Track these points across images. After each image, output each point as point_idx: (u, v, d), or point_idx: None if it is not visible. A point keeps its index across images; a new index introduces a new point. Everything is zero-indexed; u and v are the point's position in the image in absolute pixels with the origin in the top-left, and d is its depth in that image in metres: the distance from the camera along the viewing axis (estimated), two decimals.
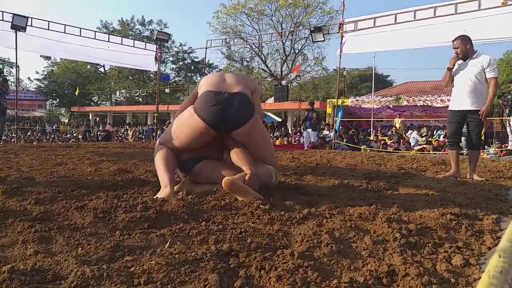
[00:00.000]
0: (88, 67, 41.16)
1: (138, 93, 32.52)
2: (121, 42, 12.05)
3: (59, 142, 14.35)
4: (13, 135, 19.73)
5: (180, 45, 36.86)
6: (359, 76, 35.81)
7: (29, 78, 52.64)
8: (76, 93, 30.51)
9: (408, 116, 18.66)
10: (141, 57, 12.59)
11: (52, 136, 24.43)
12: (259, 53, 29.79)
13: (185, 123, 2.51)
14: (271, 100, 24.93)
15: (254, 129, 2.54)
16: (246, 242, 1.56)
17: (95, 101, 42.84)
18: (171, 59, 36.72)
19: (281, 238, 1.65)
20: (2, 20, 9.40)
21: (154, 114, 13.59)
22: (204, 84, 2.60)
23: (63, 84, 41.61)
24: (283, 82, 27.81)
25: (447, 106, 4.25)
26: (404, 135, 14.88)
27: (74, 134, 24.82)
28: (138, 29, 37.89)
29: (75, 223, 1.80)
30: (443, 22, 7.17)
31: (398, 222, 1.82)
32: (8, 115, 13.65)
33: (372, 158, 5.95)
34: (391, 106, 18.00)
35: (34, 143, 16.38)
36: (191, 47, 33.98)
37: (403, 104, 17.43)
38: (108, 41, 11.70)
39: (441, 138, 12.63)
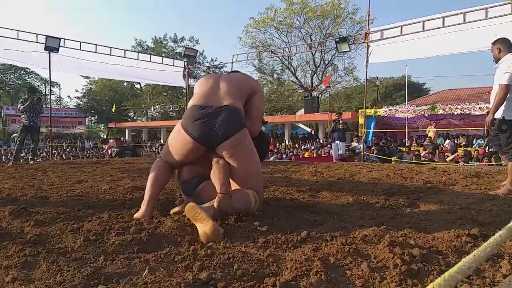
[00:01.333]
0: (125, 84, 42.57)
1: (171, 108, 33.24)
2: (150, 59, 12.35)
3: (95, 158, 14.77)
4: (53, 151, 20.56)
5: (211, 60, 37.52)
6: (393, 85, 34.97)
7: (69, 96, 55.18)
8: (113, 109, 31.59)
9: (446, 125, 17.93)
10: (170, 73, 12.86)
11: (90, 152, 25.29)
12: (288, 65, 29.77)
13: (175, 138, 2.47)
14: (301, 111, 24.78)
15: (238, 144, 2.37)
16: (232, 269, 1.47)
17: (132, 117, 44.16)
18: (202, 74, 37.32)
19: (271, 264, 1.55)
20: (37, 42, 9.87)
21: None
22: (195, 93, 2.58)
23: (101, 101, 43.20)
24: (314, 94, 27.58)
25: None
26: (441, 145, 14.29)
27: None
28: (170, 46, 38.88)
29: (66, 247, 1.77)
30: (474, 28, 6.84)
31: (402, 246, 1.67)
32: (52, 133, 14.22)
33: (400, 171, 5.68)
34: (427, 115, 17.37)
35: (68, 159, 17.00)
36: (221, 62, 34.40)
37: (439, 113, 16.76)
38: (137, 59, 12.03)
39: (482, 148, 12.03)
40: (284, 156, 13.63)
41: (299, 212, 2.60)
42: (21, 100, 8.54)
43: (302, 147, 17.02)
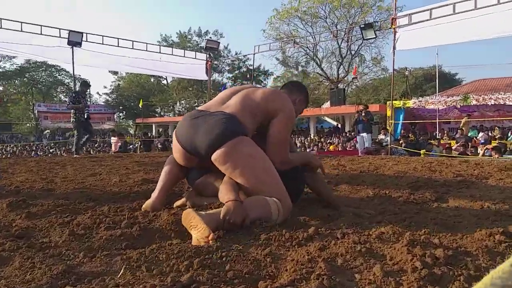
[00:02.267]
0: (152, 80, 43.10)
1: (197, 103, 33.39)
2: (172, 52, 12.30)
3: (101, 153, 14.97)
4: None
5: (236, 53, 37.41)
6: (424, 75, 33.83)
7: (98, 92, 56.42)
8: (140, 105, 32.04)
9: (479, 116, 17.11)
10: (192, 66, 12.78)
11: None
12: (313, 56, 29.25)
13: (173, 143, 2.28)
14: (327, 104, 24.31)
15: (232, 153, 1.95)
16: (222, 270, 1.28)
17: (159, 112, 44.71)
18: (227, 68, 37.38)
19: (268, 265, 1.35)
20: (60, 37, 9.97)
21: None
22: None
23: (129, 97, 43.93)
24: (340, 86, 26.99)
25: None
26: (474, 138, 13.61)
27: (136, 145, 25.98)
28: (195, 40, 39.01)
29: (50, 241, 1.63)
30: (510, 9, 6.33)
31: (423, 246, 1.43)
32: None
33: (429, 164, 5.34)
34: (459, 107, 16.60)
35: (91, 153, 17.30)
36: (245, 55, 34.17)
37: (472, 104, 15.98)
38: (160, 52, 12.00)
39: None
40: (308, 150, 13.33)
41: (312, 206, 2.38)
42: (69, 94, 8.81)
43: (328, 141, 16.64)
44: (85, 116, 8.44)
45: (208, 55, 13.13)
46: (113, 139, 8.94)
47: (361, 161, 6.16)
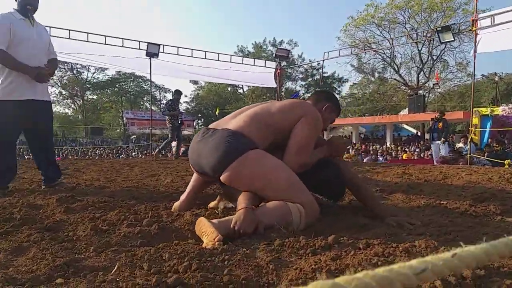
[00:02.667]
0: (229, 89, 44.51)
1: None
2: (242, 61, 12.56)
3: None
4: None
5: (310, 61, 37.12)
6: None
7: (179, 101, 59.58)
8: (216, 112, 33.21)
9: None
10: (264, 75, 12.93)
11: None
12: (391, 62, 27.99)
13: None
14: (405, 111, 23.06)
15: (239, 178, 1.86)
16: (219, 274, 1.22)
17: None
18: (300, 76, 37.23)
19: (270, 272, 1.25)
20: (139, 49, 10.68)
21: None
22: None
23: (208, 105, 45.81)
24: (420, 92, 25.45)
25: None
26: None
27: None
28: (270, 50, 39.50)
29: (74, 235, 1.69)
30: None
31: None
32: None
33: (510, 175, 4.75)
34: None
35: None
36: (318, 62, 33.74)
37: None
38: (231, 62, 12.32)
39: None
40: (380, 158, 12.68)
41: (350, 213, 2.21)
42: (165, 102, 9.63)
43: (403, 149, 15.71)
44: (179, 122, 9.09)
45: (277, 63, 13.18)
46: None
47: (432, 170, 5.68)
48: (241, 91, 45.39)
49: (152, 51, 10.77)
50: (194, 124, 47.11)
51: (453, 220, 2.10)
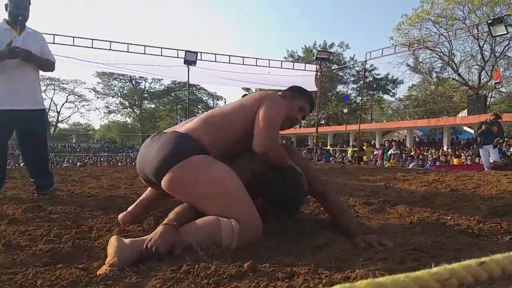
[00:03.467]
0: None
1: (320, 116, 33.11)
2: (281, 65, 12.35)
3: None
4: None
5: (361, 64, 35.97)
6: None
7: None
8: None
9: None
10: (301, 78, 12.63)
11: None
12: (449, 61, 26.27)
13: None
14: (463, 113, 21.45)
15: (176, 182, 1.68)
16: None
17: None
18: (352, 79, 36.12)
19: None
20: (177, 57, 10.86)
21: (314, 135, 13.35)
22: None
23: None
24: (481, 92, 23.58)
25: None
26: None
27: None
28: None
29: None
30: None
31: None
32: None
33: None
34: None
35: None
36: (372, 65, 32.68)
37: None
38: (269, 66, 12.17)
39: None
40: (426, 163, 11.74)
41: (316, 229, 1.92)
42: None
43: (459, 153, 14.51)
44: None
45: (318, 66, 12.82)
46: None
47: (471, 177, 5.06)
48: None
49: (190, 58, 10.89)
50: None
51: (441, 241, 1.73)
